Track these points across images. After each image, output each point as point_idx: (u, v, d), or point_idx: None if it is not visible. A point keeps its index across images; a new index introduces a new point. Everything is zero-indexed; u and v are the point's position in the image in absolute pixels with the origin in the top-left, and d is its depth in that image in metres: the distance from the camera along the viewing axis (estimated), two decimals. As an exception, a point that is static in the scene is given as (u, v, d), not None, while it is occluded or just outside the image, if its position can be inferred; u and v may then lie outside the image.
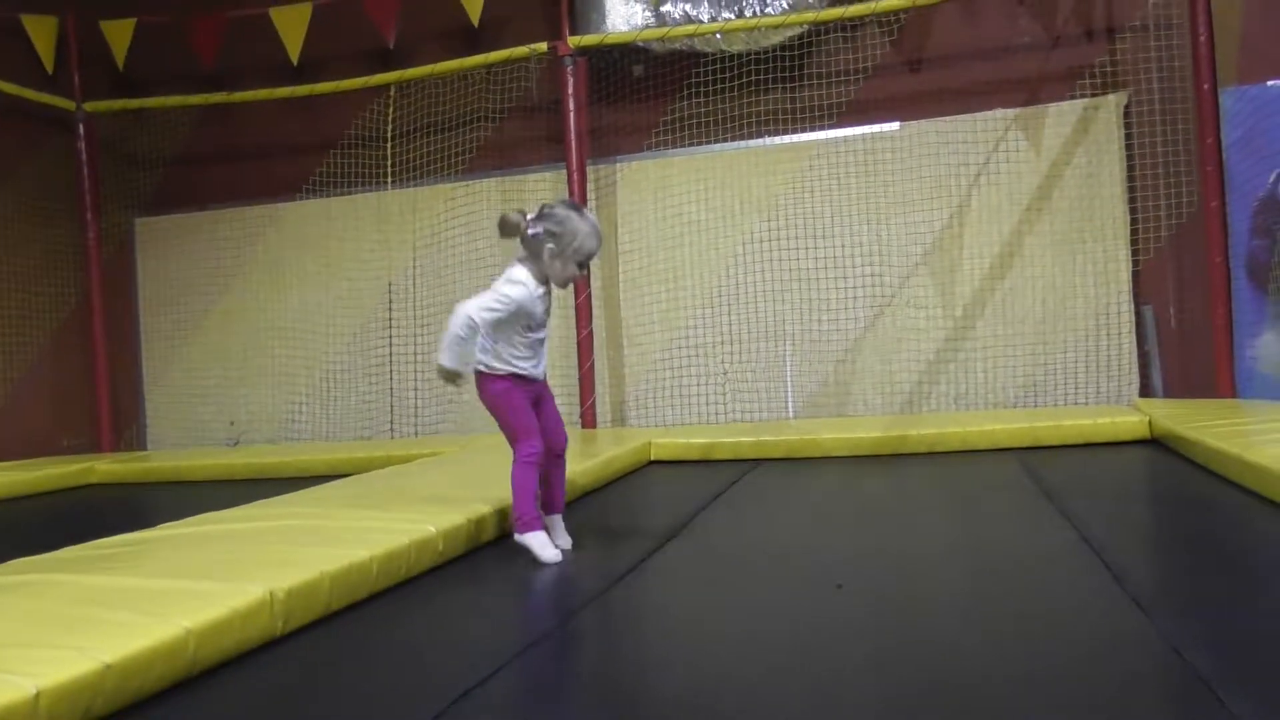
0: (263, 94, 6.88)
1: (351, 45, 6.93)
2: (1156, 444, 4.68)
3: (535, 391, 3.02)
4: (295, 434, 7.17)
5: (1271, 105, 5.58)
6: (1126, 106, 5.91)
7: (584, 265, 2.91)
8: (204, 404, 7.41)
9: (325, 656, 2.14)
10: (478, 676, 1.87)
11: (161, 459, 6.38)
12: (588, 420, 6.27)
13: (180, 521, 3.17)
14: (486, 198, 6.91)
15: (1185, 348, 5.79)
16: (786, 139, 6.40)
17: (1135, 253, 5.88)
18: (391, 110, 6.87)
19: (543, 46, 6.25)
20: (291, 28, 6.53)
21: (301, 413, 7.20)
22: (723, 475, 4.58)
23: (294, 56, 6.57)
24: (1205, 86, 5.45)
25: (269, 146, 7.34)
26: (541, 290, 2.94)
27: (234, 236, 7.41)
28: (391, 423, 7.01)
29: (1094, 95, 5.96)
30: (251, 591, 2.13)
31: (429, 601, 2.57)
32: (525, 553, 2.92)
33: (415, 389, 6.96)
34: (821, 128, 6.31)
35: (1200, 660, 1.74)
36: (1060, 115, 6.00)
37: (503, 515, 3.33)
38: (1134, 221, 5.88)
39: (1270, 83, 5.60)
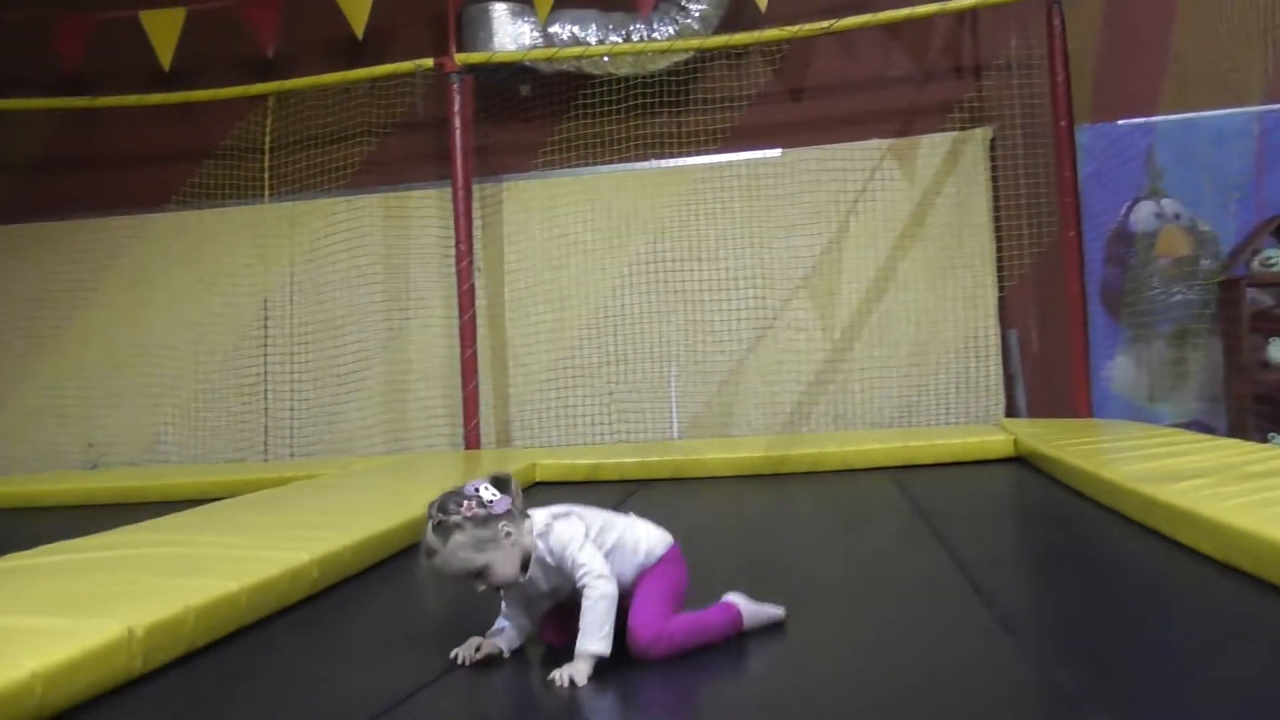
0: (131, 100, 6.58)
1: (228, 53, 6.71)
2: (1021, 462, 4.89)
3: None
4: (161, 456, 6.84)
5: (1122, 142, 5.96)
6: (992, 140, 6.20)
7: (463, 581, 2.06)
8: (60, 424, 6.99)
9: (188, 699, 2.02)
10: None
11: (10, 484, 5.98)
12: (471, 441, 6.19)
13: (30, 551, 2.95)
14: (369, 214, 6.76)
15: (1046, 370, 6.08)
16: (672, 162, 6.48)
17: (1001, 279, 6.16)
18: (270, 121, 6.66)
19: (428, 62, 6.18)
20: (163, 32, 6.26)
21: (168, 433, 6.87)
22: (608, 496, 4.57)
23: (165, 62, 6.30)
24: (1063, 123, 5.76)
25: (137, 155, 7.02)
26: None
27: (95, 248, 7.04)
28: (266, 444, 6.77)
29: (962, 128, 6.24)
30: (107, 628, 2.00)
31: (303, 636, 2.47)
32: (407, 581, 2.84)
33: (291, 408, 6.74)
34: (706, 152, 6.42)
35: (1063, 677, 1.81)
36: (932, 146, 6.26)
37: (383, 540, 3.24)
38: (999, 249, 6.17)
39: (1121, 121, 5.98)
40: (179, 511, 3.82)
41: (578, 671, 1.93)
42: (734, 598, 2.25)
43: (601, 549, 2.07)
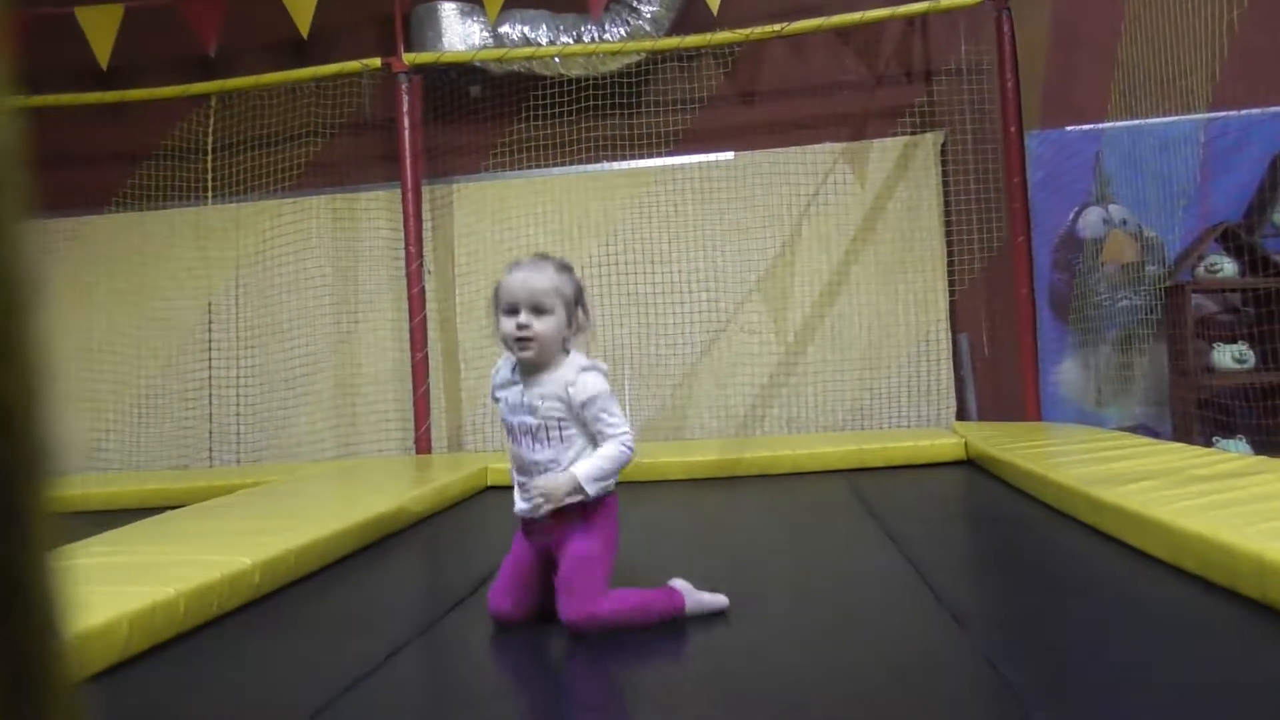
0: (65, 99, 6.39)
1: (168, 51, 6.55)
2: (972, 464, 4.92)
3: (539, 543, 2.26)
4: (102, 463, 6.65)
5: (1070, 148, 6.05)
6: (943, 145, 6.26)
7: (513, 311, 2.17)
8: (-5, 432, 6.76)
9: (122, 709, 1.95)
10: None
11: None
12: (422, 445, 6.10)
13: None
14: (316, 215, 6.65)
15: (996, 373, 6.14)
16: (624, 165, 6.45)
17: (952, 283, 6.21)
18: (213, 121, 6.52)
19: (376, 62, 6.09)
20: (100, 29, 6.10)
21: (109, 440, 6.68)
22: (560, 501, 4.51)
23: (103, 60, 6.14)
24: (1012, 129, 5.84)
25: (74, 155, 6.83)
26: (510, 374, 2.26)
27: (32, 252, 6.82)
28: (211, 450, 6.61)
29: (914, 133, 6.29)
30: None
31: (243, 643, 2.39)
32: (358, 585, 2.78)
33: (237, 414, 6.59)
34: (658, 154, 6.40)
35: (1012, 673, 1.81)
36: (883, 151, 6.30)
37: (328, 545, 3.17)
38: (950, 253, 6.22)
39: (1069, 128, 6.06)
40: (121, 520, 3.69)
41: (557, 485, 2.10)
42: (679, 584, 2.24)
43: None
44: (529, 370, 2.22)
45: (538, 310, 2.14)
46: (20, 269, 0.43)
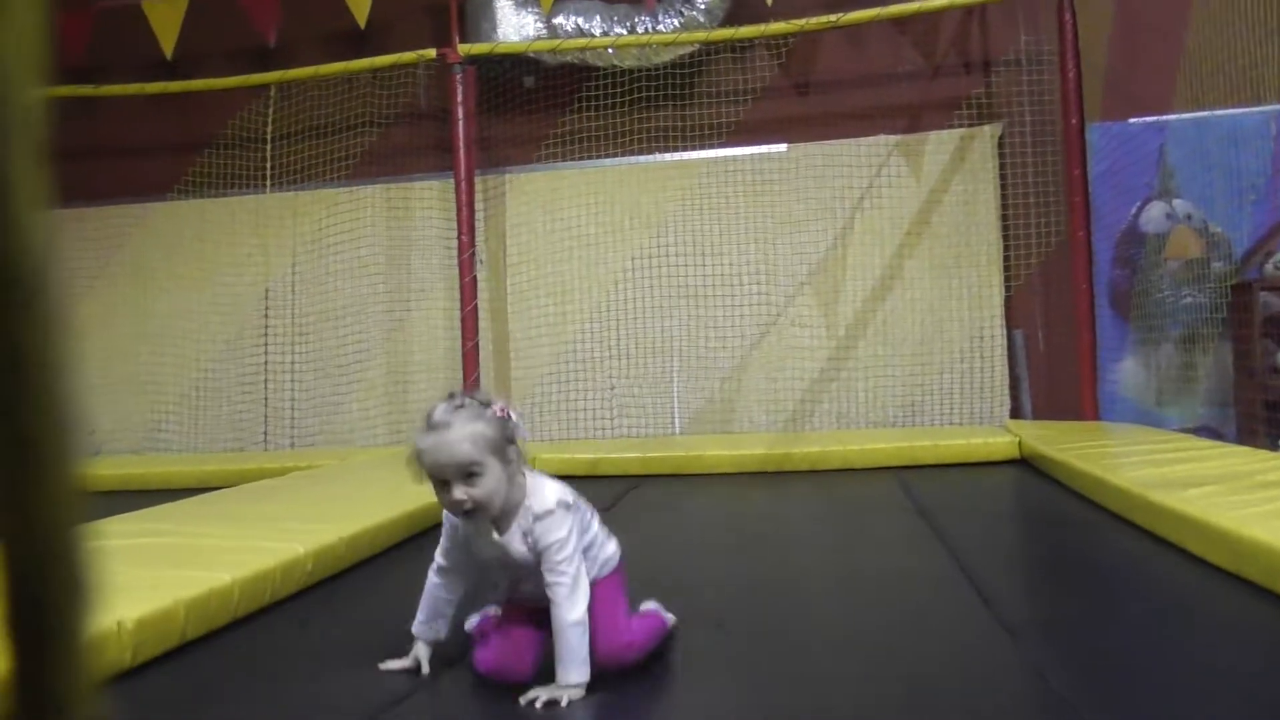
0: (133, 89, 6.54)
1: (229, 42, 6.66)
2: (1025, 464, 4.84)
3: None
4: (161, 444, 6.81)
5: (1133, 141, 5.89)
6: (1000, 137, 6.14)
7: (445, 484, 1.87)
8: (61, 413, 6.96)
9: (179, 693, 2.00)
10: (350, 717, 1.78)
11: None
12: (472, 434, 6.14)
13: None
14: (371, 204, 6.73)
15: (1052, 371, 6.03)
16: (676, 156, 6.43)
17: (1008, 279, 6.10)
18: (272, 111, 6.62)
19: (431, 53, 6.13)
20: (165, 21, 6.22)
21: (168, 422, 6.84)
22: (608, 491, 4.53)
23: (168, 51, 6.26)
24: (1073, 121, 5.70)
25: (139, 144, 6.99)
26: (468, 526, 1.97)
27: (97, 237, 7.01)
28: (265, 434, 6.74)
29: (970, 125, 6.17)
30: (96, 620, 1.97)
31: (296, 630, 2.44)
32: (397, 574, 2.81)
33: (291, 399, 6.71)
34: (710, 146, 6.37)
35: (1062, 683, 1.78)
36: (939, 143, 6.20)
37: (378, 533, 3.21)
38: (1006, 248, 6.11)
39: (1132, 120, 5.91)
40: (177, 500, 3.80)
41: (562, 696, 1.79)
42: (653, 605, 2.17)
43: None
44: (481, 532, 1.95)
45: (469, 476, 1.83)
46: (40, 258, 0.44)
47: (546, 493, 1.91)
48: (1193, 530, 2.72)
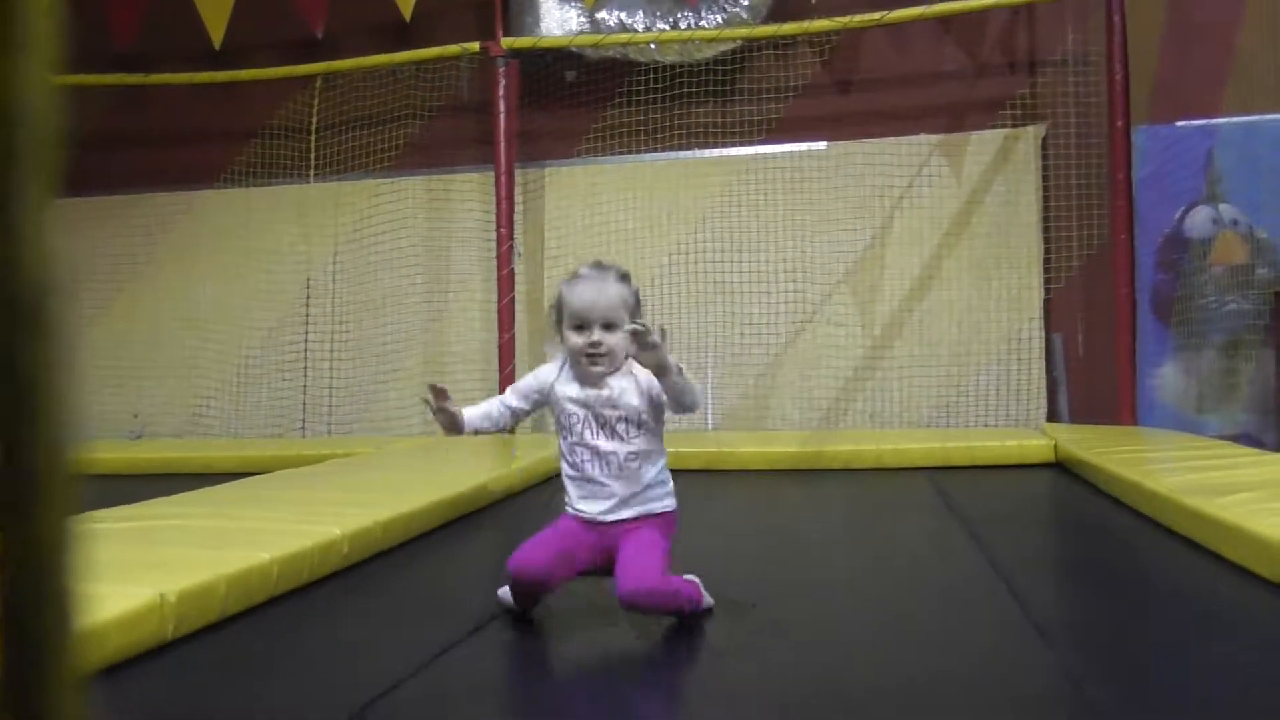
0: (182, 78, 6.67)
1: (277, 33, 6.76)
2: (1061, 468, 4.80)
3: (595, 540, 2.22)
4: (203, 429, 6.94)
5: (1180, 145, 5.81)
6: (1044, 138, 6.08)
7: (584, 328, 2.18)
8: (106, 393, 7.11)
9: (218, 663, 2.05)
10: (379, 688, 1.82)
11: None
12: (506, 425, 6.19)
13: (70, 518, 3.02)
14: (412, 195, 6.80)
15: (1091, 375, 5.97)
16: (716, 152, 6.43)
17: (1048, 281, 6.04)
18: (317, 102, 6.72)
19: (475, 46, 6.18)
20: (214, 12, 6.33)
21: (210, 407, 6.96)
22: (639, 485, 4.55)
23: (216, 41, 6.37)
24: (1119, 123, 5.63)
25: (187, 133, 7.11)
26: (571, 376, 2.26)
27: (145, 223, 7.16)
28: (304, 420, 6.84)
29: (1014, 126, 6.12)
30: (139, 594, 2.03)
31: (332, 608, 2.49)
32: (429, 559, 2.86)
33: (330, 386, 6.80)
34: (750, 143, 6.36)
35: (1096, 691, 1.77)
36: (981, 143, 6.15)
37: (413, 519, 3.26)
38: (1047, 250, 6.05)
39: (1179, 123, 5.83)
40: (218, 484, 3.88)
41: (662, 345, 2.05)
42: (696, 579, 2.28)
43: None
44: (592, 375, 2.23)
45: (608, 326, 2.15)
46: (47, 248, 0.45)
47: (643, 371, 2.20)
48: (1231, 537, 2.69)
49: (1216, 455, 3.95)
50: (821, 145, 6.34)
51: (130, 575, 2.18)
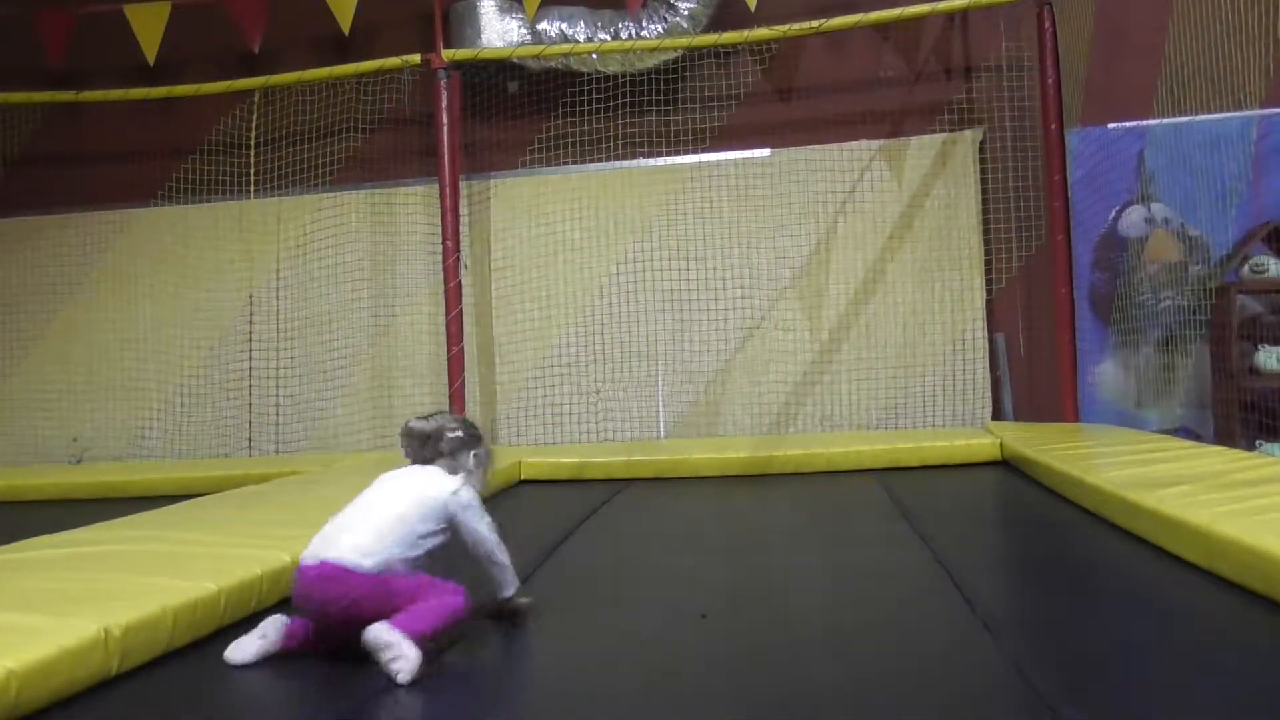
0: (115, 95, 6.52)
1: (213, 48, 6.65)
2: (1006, 465, 4.89)
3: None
4: (145, 451, 6.79)
5: (1113, 146, 5.96)
6: (981, 142, 6.20)
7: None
8: (44, 417, 6.94)
9: (165, 701, 2.00)
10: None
11: (-7, 478, 5.92)
12: (457, 439, 6.14)
13: (9, 546, 2.93)
14: (356, 210, 6.73)
15: (1033, 373, 6.08)
16: (660, 161, 6.46)
17: (989, 282, 6.16)
18: (256, 117, 6.62)
19: (415, 59, 6.14)
20: (148, 27, 6.19)
21: (152, 428, 6.82)
22: (594, 495, 4.55)
23: (150, 57, 6.24)
24: (1053, 126, 5.76)
25: (122, 150, 6.96)
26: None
27: (80, 242, 6.99)
28: (250, 439, 6.73)
29: (952, 130, 6.23)
30: (83, 628, 1.98)
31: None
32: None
33: (276, 405, 6.70)
34: (694, 151, 6.40)
35: (1041, 680, 1.81)
36: (921, 148, 6.25)
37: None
38: (988, 252, 6.17)
39: (1111, 125, 5.98)
40: (162, 507, 3.79)
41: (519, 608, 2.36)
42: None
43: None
44: None
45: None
46: None
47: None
48: (1169, 529, 2.76)
49: (1156, 449, 4.06)
50: (765, 152, 6.39)
51: (72, 607, 2.12)
